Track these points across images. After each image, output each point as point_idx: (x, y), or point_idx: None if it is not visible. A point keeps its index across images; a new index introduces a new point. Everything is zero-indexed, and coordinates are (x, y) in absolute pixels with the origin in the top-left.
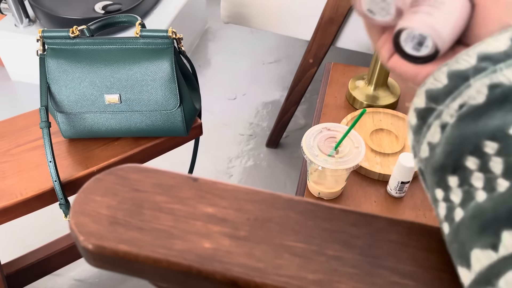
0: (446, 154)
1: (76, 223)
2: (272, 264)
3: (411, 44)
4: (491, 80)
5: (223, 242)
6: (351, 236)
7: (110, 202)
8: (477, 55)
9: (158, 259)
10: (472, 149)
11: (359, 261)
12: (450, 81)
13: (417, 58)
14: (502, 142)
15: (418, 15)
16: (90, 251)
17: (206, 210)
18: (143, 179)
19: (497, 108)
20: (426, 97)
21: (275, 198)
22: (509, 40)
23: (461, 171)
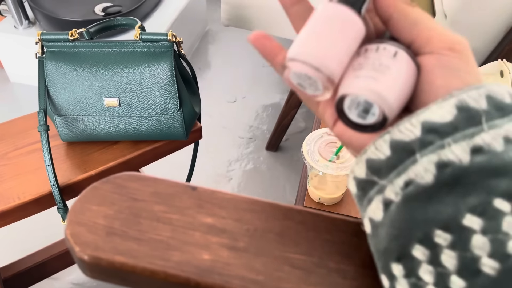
0: (391, 239)
1: (72, 233)
2: (272, 276)
3: (356, 112)
4: (439, 157)
5: (222, 254)
6: (353, 247)
7: (107, 211)
8: (421, 125)
9: (156, 271)
10: (421, 238)
11: (361, 273)
12: (393, 153)
13: (364, 127)
14: (455, 233)
15: (361, 79)
16: (86, 262)
17: (205, 220)
18: (141, 188)
19: (447, 192)
20: (367, 167)
21: (274, 207)
22: (455, 108)
23: (408, 260)
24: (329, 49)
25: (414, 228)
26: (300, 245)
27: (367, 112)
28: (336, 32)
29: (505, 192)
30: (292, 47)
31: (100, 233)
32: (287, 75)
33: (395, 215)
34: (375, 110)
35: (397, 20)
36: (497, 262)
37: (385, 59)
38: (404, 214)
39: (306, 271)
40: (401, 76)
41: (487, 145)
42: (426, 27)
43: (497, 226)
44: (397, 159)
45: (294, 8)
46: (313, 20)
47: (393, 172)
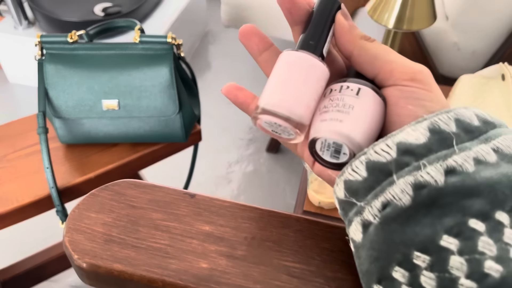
0: (371, 260)
1: (70, 240)
2: (269, 285)
3: (329, 153)
4: (415, 178)
5: (220, 262)
6: (351, 256)
7: (105, 218)
8: (397, 147)
9: (153, 279)
10: (400, 260)
11: (359, 283)
12: (370, 175)
13: (339, 165)
14: (434, 255)
15: (327, 123)
16: (84, 270)
17: (203, 228)
18: (139, 195)
19: (424, 213)
20: (345, 189)
21: (273, 215)
22: (427, 130)
23: (388, 282)
24: (295, 97)
25: (393, 250)
26: (298, 254)
27: (339, 152)
28: (300, 79)
29: (479, 213)
30: (261, 98)
31: (98, 241)
32: (260, 123)
33: (373, 236)
34: (345, 150)
35: (358, 56)
36: (474, 282)
37: (349, 98)
38: (383, 236)
39: (303, 281)
40: (366, 113)
41: (459, 166)
42: (386, 60)
43: (473, 246)
44: (374, 180)
45: (263, 56)
46: (277, 68)
47: (371, 194)
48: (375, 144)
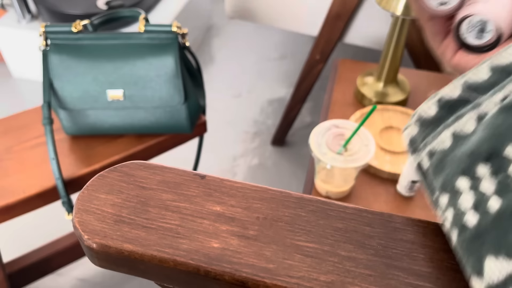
0: (481, 141)
1: (80, 221)
2: (282, 264)
3: (473, 34)
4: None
5: (231, 242)
6: (365, 236)
7: (114, 199)
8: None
9: (164, 258)
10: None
11: (373, 262)
12: (493, 75)
13: (481, 48)
14: None
15: (474, 4)
16: (94, 250)
17: (213, 208)
18: (149, 176)
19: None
20: (463, 89)
21: (285, 196)
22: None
23: (497, 159)
24: None
25: (509, 131)
26: (311, 234)
27: (483, 31)
28: None
29: None
30: None
31: (108, 221)
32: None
33: (489, 121)
34: (491, 27)
35: None
36: None
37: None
38: (500, 119)
39: (317, 259)
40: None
41: None
42: None
43: None
44: (496, 79)
45: None
46: None
47: (491, 91)
48: (501, 50)
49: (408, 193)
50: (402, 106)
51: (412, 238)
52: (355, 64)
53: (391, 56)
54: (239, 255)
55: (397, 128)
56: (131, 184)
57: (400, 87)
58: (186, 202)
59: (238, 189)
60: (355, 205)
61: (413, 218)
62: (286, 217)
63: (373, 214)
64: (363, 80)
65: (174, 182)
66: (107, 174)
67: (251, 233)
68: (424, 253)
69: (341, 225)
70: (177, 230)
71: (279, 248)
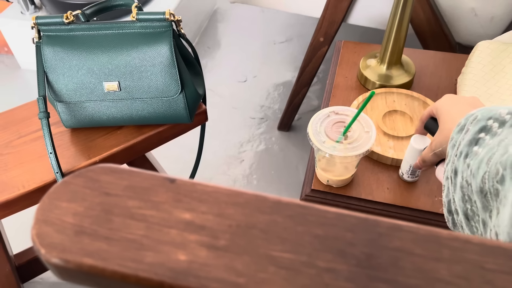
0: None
1: (38, 233)
2: (254, 278)
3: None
4: None
5: (199, 253)
6: (346, 244)
7: (77, 208)
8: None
9: (126, 274)
10: None
11: (354, 273)
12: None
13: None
14: None
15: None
16: (53, 265)
17: (182, 216)
18: (115, 181)
19: None
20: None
21: (260, 200)
22: None
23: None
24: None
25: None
26: (287, 242)
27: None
28: None
29: None
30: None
31: (68, 233)
32: None
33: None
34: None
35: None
36: None
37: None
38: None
39: (293, 272)
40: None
41: None
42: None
43: None
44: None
45: None
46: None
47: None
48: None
49: (410, 178)
50: (406, 89)
51: (398, 245)
52: (358, 46)
53: (394, 36)
54: (207, 268)
55: (401, 112)
56: (96, 190)
57: (405, 69)
58: (153, 210)
59: (210, 193)
60: (337, 210)
61: (401, 223)
62: (260, 224)
63: (357, 219)
64: (366, 62)
65: (141, 187)
66: (71, 180)
67: (222, 243)
68: (412, 263)
69: (321, 232)
70: (142, 241)
71: (251, 259)
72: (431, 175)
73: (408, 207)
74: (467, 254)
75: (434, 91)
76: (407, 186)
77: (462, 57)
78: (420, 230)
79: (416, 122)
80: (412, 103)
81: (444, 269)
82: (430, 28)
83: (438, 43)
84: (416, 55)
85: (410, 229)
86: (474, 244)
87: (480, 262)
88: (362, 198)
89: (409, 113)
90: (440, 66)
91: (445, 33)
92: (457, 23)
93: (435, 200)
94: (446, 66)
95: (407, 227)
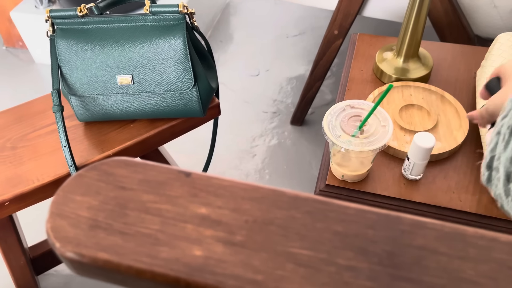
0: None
1: (53, 227)
2: (272, 276)
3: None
4: None
5: (216, 249)
6: (368, 241)
7: (91, 202)
8: None
9: (142, 269)
10: None
11: (376, 272)
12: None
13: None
14: None
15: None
16: (68, 259)
17: (198, 210)
18: (130, 175)
19: None
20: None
21: (278, 195)
22: None
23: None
24: None
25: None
26: (306, 239)
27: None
28: None
29: None
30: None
31: (83, 227)
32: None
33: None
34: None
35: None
36: None
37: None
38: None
39: (312, 269)
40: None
41: None
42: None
43: None
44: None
45: None
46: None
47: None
48: None
49: (412, 176)
50: (424, 83)
51: (422, 243)
52: (374, 39)
53: (412, 28)
54: (223, 264)
55: (418, 106)
56: (110, 184)
57: (422, 62)
58: (168, 204)
59: (226, 188)
60: (358, 205)
61: (424, 220)
62: (278, 220)
63: (378, 215)
64: (382, 55)
65: (156, 181)
66: (85, 173)
67: (238, 238)
68: (437, 262)
69: (341, 229)
70: (157, 236)
71: (269, 256)
72: (448, 170)
73: (425, 203)
74: (494, 253)
75: (452, 84)
76: (424, 182)
77: (481, 49)
78: (444, 227)
79: (433, 116)
80: (430, 97)
81: (470, 268)
82: (448, 20)
83: (456, 36)
84: (434, 47)
85: (434, 227)
86: (501, 242)
87: (508, 261)
88: (378, 193)
89: (427, 107)
90: (459, 59)
91: (464, 25)
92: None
93: (453, 196)
94: (465, 59)
95: (431, 224)
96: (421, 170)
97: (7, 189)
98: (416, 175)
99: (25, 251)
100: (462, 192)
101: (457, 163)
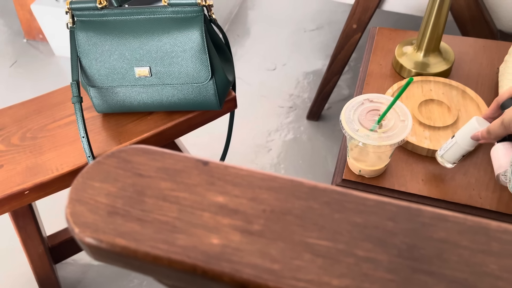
0: None
1: (72, 212)
2: (289, 265)
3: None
4: None
5: (233, 238)
6: (387, 233)
7: (109, 188)
8: None
9: (159, 256)
10: None
11: (396, 264)
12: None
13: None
14: None
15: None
16: (86, 244)
17: (215, 199)
18: (148, 162)
19: None
20: None
21: (296, 185)
22: None
23: None
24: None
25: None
26: (324, 230)
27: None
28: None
29: None
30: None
31: (101, 213)
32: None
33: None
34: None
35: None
36: None
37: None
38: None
39: (330, 260)
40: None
41: None
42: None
43: None
44: None
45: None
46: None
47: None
48: None
49: (450, 165)
50: (444, 77)
51: (444, 236)
52: (393, 33)
53: (433, 22)
54: (240, 253)
55: (438, 101)
56: (128, 171)
57: (443, 57)
58: (185, 192)
59: (244, 177)
60: (377, 197)
61: (445, 213)
62: (296, 210)
63: (398, 207)
64: (402, 49)
65: (174, 169)
66: (104, 160)
67: (256, 228)
68: (458, 255)
69: (360, 220)
70: (174, 223)
71: (286, 245)
72: (469, 167)
73: (443, 200)
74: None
75: (474, 79)
76: (443, 178)
77: (504, 44)
78: (467, 221)
79: (454, 111)
80: (450, 92)
81: (493, 263)
82: (470, 14)
83: (479, 30)
84: (455, 42)
85: (456, 220)
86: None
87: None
88: (395, 189)
89: (447, 103)
90: (481, 54)
91: (486, 20)
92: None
93: (473, 193)
94: (487, 54)
95: (453, 218)
96: (456, 156)
97: (27, 178)
98: (448, 160)
99: (44, 240)
100: (482, 190)
101: (478, 159)
